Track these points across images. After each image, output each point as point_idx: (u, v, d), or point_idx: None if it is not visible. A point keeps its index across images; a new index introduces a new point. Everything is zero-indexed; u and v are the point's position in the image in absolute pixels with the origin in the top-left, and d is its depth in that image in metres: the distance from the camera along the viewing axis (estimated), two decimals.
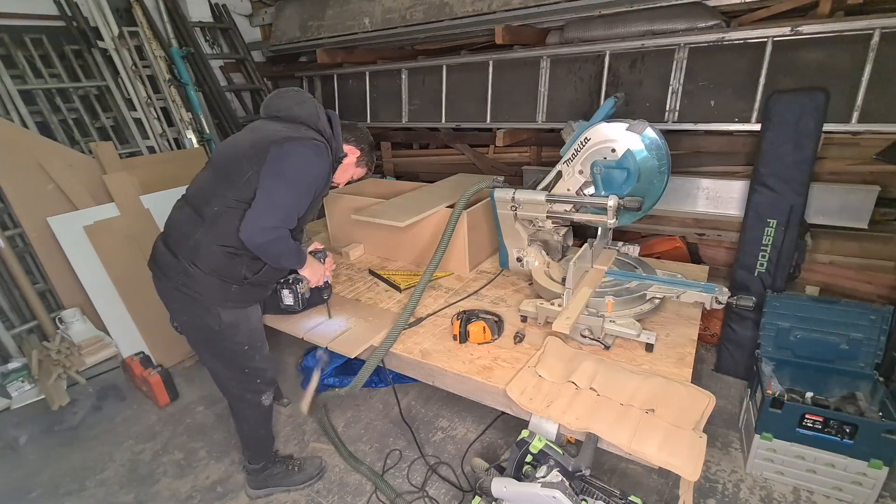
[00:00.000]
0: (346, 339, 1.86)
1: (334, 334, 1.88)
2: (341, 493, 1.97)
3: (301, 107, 1.67)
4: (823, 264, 2.46)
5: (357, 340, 1.84)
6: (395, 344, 1.81)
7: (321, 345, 1.87)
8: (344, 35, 3.38)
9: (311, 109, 1.67)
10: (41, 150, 2.62)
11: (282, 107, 1.69)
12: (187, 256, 1.57)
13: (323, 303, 2.02)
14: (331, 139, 1.69)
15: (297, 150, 1.56)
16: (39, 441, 2.37)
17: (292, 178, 1.55)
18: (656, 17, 2.43)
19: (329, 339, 1.85)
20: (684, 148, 2.65)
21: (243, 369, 1.77)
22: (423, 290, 2.02)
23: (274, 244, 1.55)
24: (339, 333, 1.89)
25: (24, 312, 2.75)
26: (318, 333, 1.90)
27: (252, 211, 1.51)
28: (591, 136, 1.86)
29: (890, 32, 1.95)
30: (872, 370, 1.97)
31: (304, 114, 1.66)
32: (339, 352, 1.82)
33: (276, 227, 1.54)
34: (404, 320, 1.86)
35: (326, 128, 1.68)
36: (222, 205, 1.54)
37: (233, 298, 1.64)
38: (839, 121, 2.10)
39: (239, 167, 1.54)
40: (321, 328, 1.94)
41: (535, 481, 1.30)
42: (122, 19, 3.35)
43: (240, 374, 1.78)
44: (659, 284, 1.87)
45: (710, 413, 1.39)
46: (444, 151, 3.91)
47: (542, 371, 1.60)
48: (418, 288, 2.01)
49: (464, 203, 2.18)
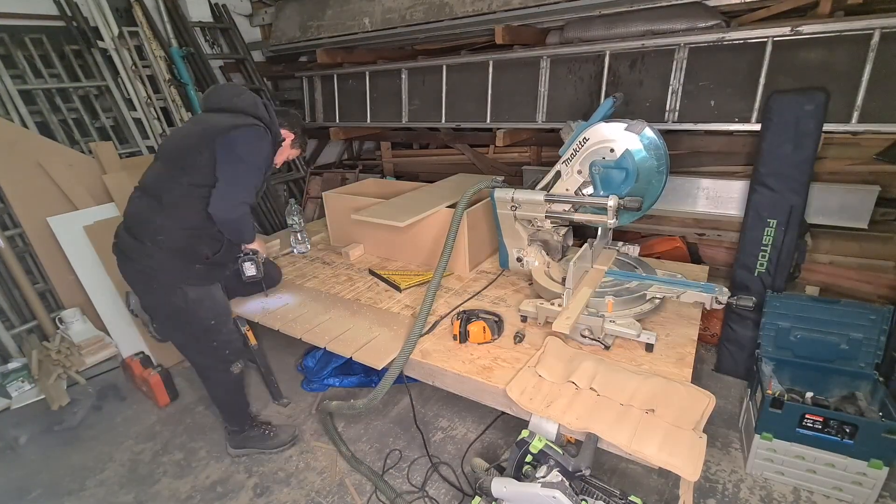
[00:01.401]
0: (363, 345, 1.86)
1: (331, 335, 1.88)
2: (341, 492, 1.97)
3: (240, 98, 1.83)
4: (823, 264, 2.46)
5: (383, 350, 1.83)
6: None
7: (320, 344, 1.88)
8: (344, 35, 3.38)
9: (249, 99, 1.83)
10: (41, 150, 2.62)
11: (222, 99, 1.85)
12: (151, 240, 1.74)
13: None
14: (270, 124, 1.86)
15: (246, 135, 1.74)
16: (39, 441, 2.37)
17: (247, 159, 1.75)
18: (656, 17, 2.43)
19: (328, 340, 1.86)
20: (684, 148, 2.65)
21: (212, 342, 1.94)
22: (433, 297, 1.95)
23: (244, 218, 1.80)
24: (340, 334, 1.89)
25: (24, 312, 2.75)
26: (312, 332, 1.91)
27: (220, 191, 1.70)
28: (590, 136, 1.86)
29: (890, 32, 1.95)
30: (872, 370, 1.96)
31: (244, 104, 1.82)
32: (351, 357, 1.83)
33: (245, 203, 1.76)
34: (419, 329, 1.83)
35: (265, 114, 1.84)
36: (178, 191, 1.72)
37: (196, 276, 1.83)
38: (839, 121, 2.10)
39: (191, 155, 1.71)
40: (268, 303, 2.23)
41: (535, 481, 1.30)
42: (122, 19, 3.35)
43: (208, 347, 1.95)
44: (659, 284, 1.87)
45: (710, 413, 1.39)
46: (444, 151, 3.91)
47: (543, 371, 1.60)
48: (429, 294, 1.93)
49: (465, 204, 2.17)
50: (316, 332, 1.96)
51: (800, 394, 1.86)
